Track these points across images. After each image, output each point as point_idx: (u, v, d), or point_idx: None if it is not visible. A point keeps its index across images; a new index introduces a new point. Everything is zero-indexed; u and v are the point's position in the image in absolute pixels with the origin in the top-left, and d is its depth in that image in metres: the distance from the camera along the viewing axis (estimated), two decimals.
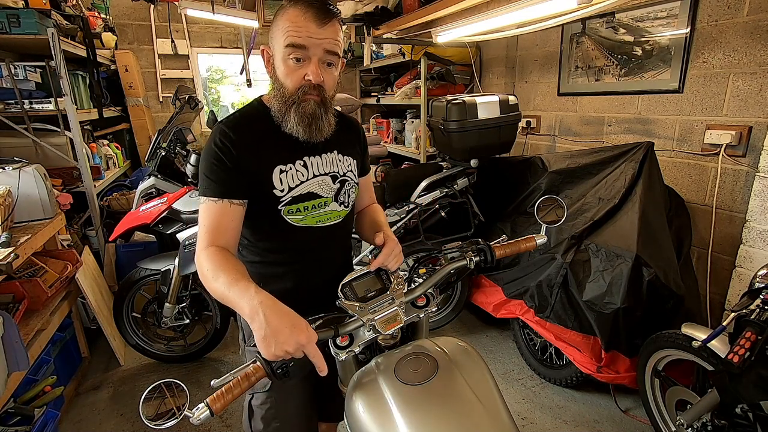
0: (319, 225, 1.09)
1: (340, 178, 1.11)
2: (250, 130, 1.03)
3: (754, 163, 1.95)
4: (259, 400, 1.13)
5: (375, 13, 2.47)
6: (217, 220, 0.98)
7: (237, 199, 0.99)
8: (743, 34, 1.95)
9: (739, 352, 1.23)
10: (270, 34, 1.01)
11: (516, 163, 2.60)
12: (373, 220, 1.24)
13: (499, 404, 0.85)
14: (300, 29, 0.93)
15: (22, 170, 1.99)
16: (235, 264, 0.92)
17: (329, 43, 0.96)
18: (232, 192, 0.99)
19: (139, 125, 3.86)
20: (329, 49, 0.96)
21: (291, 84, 0.97)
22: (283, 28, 0.95)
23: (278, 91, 1.00)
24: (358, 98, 4.54)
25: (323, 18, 0.94)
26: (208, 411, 0.73)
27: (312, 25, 0.93)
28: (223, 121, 1.04)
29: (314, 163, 1.07)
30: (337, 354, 0.91)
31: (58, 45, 2.33)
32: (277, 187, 1.02)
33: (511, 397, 2.14)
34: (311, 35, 0.93)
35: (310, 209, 1.07)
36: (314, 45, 0.94)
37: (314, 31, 0.93)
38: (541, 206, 1.18)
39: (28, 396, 1.83)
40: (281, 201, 1.03)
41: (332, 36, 0.96)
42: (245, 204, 1.01)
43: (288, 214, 1.05)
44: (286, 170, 1.03)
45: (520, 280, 2.23)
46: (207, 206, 0.99)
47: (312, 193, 1.06)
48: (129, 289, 2.35)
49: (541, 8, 1.54)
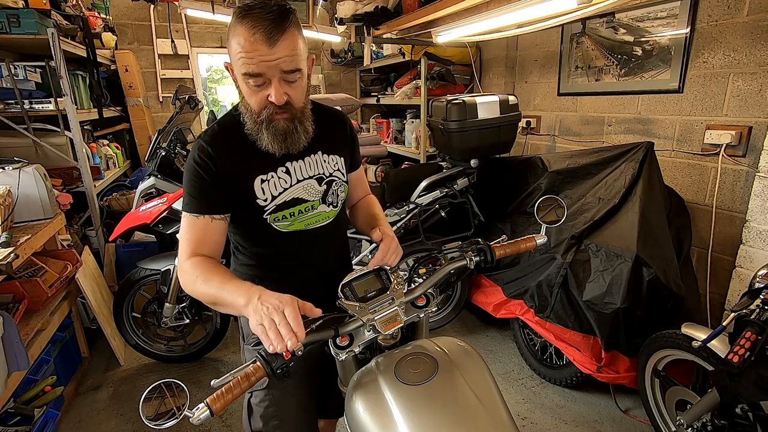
0: (309, 228, 1.09)
1: (326, 180, 1.10)
2: (228, 142, 1.02)
3: (754, 163, 1.95)
4: (258, 398, 1.13)
5: (375, 13, 2.47)
6: (199, 234, 0.99)
7: (218, 214, 1.00)
8: (743, 34, 1.95)
9: (739, 352, 1.23)
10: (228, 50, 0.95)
11: (516, 163, 2.60)
12: (368, 213, 1.23)
13: (499, 404, 0.85)
14: (251, 54, 0.87)
15: (22, 170, 1.99)
16: (224, 270, 0.94)
17: (285, 62, 0.89)
18: (213, 208, 1.00)
19: (139, 125, 3.86)
20: (286, 68, 0.90)
21: (256, 105, 0.96)
22: (235, 51, 0.90)
23: (247, 109, 0.99)
24: (358, 98, 4.54)
25: (273, 36, 0.86)
26: (208, 411, 0.73)
27: (262, 47, 0.86)
28: (201, 136, 1.03)
29: (297, 167, 1.06)
30: (337, 354, 0.91)
31: (58, 45, 2.33)
32: (259, 197, 1.02)
33: (511, 397, 2.14)
34: (264, 59, 0.87)
35: (297, 215, 1.06)
36: (269, 68, 0.89)
37: (266, 52, 0.87)
38: (541, 206, 1.18)
39: (28, 396, 1.83)
40: (265, 210, 1.03)
41: (287, 53, 0.89)
42: (227, 218, 1.02)
43: (275, 222, 1.05)
44: (267, 179, 1.03)
45: (520, 280, 2.23)
46: (189, 220, 1.00)
47: (297, 198, 1.06)
48: (129, 289, 2.35)
49: (541, 8, 1.55)
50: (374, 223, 1.17)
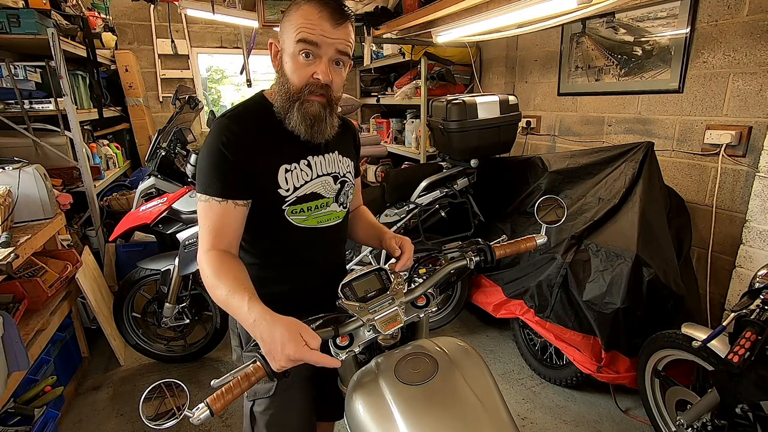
0: (320, 226, 1.08)
1: (340, 179, 1.10)
2: (254, 125, 1.00)
3: (754, 163, 1.95)
4: (262, 407, 1.10)
5: (375, 13, 2.47)
6: (220, 221, 0.95)
7: (241, 199, 0.96)
8: (743, 34, 1.95)
9: (739, 352, 1.23)
10: (281, 28, 0.98)
11: (516, 163, 2.60)
12: (370, 224, 1.26)
13: (499, 404, 0.85)
14: (314, 26, 0.91)
15: (22, 170, 1.99)
16: (236, 270, 0.91)
17: (342, 44, 0.94)
18: (237, 192, 0.96)
19: (139, 125, 3.86)
20: (341, 49, 0.94)
21: (298, 80, 0.95)
22: (296, 23, 0.92)
23: (283, 86, 0.98)
24: (358, 98, 4.54)
25: (338, 18, 0.92)
26: (208, 411, 0.73)
27: (326, 23, 0.91)
28: (225, 114, 1.00)
29: (318, 162, 1.06)
30: (337, 354, 0.91)
31: (58, 45, 2.33)
32: (282, 187, 1.00)
33: (511, 397, 2.14)
34: (325, 34, 0.92)
35: (313, 209, 1.06)
36: (327, 44, 0.92)
37: (328, 30, 0.92)
38: (541, 206, 1.18)
39: (28, 396, 1.83)
40: (286, 201, 1.01)
41: (345, 37, 0.94)
42: (249, 204, 0.99)
43: (291, 215, 1.03)
44: (291, 169, 1.01)
45: (520, 280, 2.23)
46: (209, 206, 0.95)
47: (315, 193, 1.05)
48: (129, 289, 2.35)
49: (541, 8, 1.55)
50: (380, 233, 1.20)
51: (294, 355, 0.76)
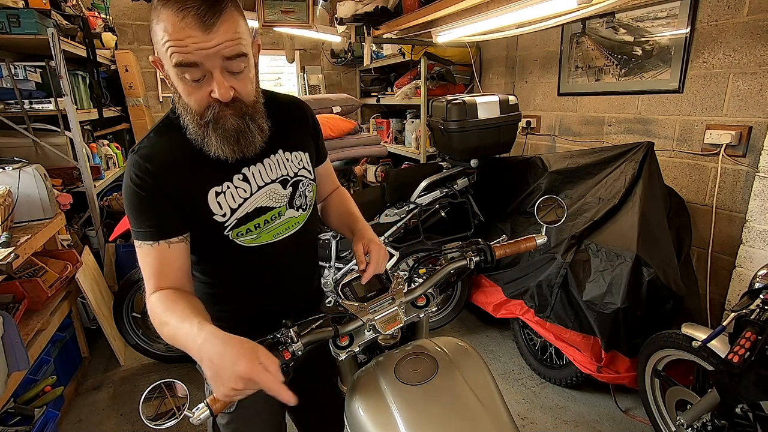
0: (277, 239, 0.97)
1: (291, 181, 0.97)
2: (169, 152, 0.86)
3: (754, 163, 1.95)
4: (225, 419, 1.05)
5: (375, 13, 2.47)
6: (158, 263, 0.84)
7: (175, 236, 0.85)
8: (743, 34, 1.95)
9: (739, 352, 1.23)
10: (152, 40, 0.77)
11: (516, 163, 2.60)
12: (343, 212, 1.12)
13: (499, 404, 0.85)
14: (182, 40, 0.72)
15: (22, 170, 1.99)
16: (186, 301, 0.80)
17: (226, 47, 0.74)
18: (166, 231, 0.85)
19: (139, 125, 3.85)
20: (228, 54, 0.75)
21: (197, 105, 0.80)
22: (162, 39, 0.73)
23: (185, 109, 0.82)
24: (358, 98, 4.54)
25: (208, 19, 0.71)
26: (208, 411, 0.73)
27: (195, 31, 0.71)
28: (135, 150, 0.87)
29: (256, 172, 0.92)
30: (337, 354, 0.91)
31: (58, 45, 2.33)
32: (216, 213, 0.88)
33: (511, 397, 2.14)
34: (199, 46, 0.72)
35: (263, 225, 0.93)
36: (207, 56, 0.73)
37: (201, 38, 0.72)
38: (541, 206, 1.18)
39: (28, 396, 1.83)
40: (225, 227, 0.89)
41: (228, 37, 0.74)
42: (187, 237, 0.87)
43: (238, 237, 0.91)
44: (222, 191, 0.88)
45: (520, 280, 2.23)
46: (143, 251, 0.85)
47: (261, 208, 0.92)
48: (129, 289, 2.35)
49: (541, 8, 1.54)
50: (352, 224, 1.07)
51: (246, 373, 0.66)
